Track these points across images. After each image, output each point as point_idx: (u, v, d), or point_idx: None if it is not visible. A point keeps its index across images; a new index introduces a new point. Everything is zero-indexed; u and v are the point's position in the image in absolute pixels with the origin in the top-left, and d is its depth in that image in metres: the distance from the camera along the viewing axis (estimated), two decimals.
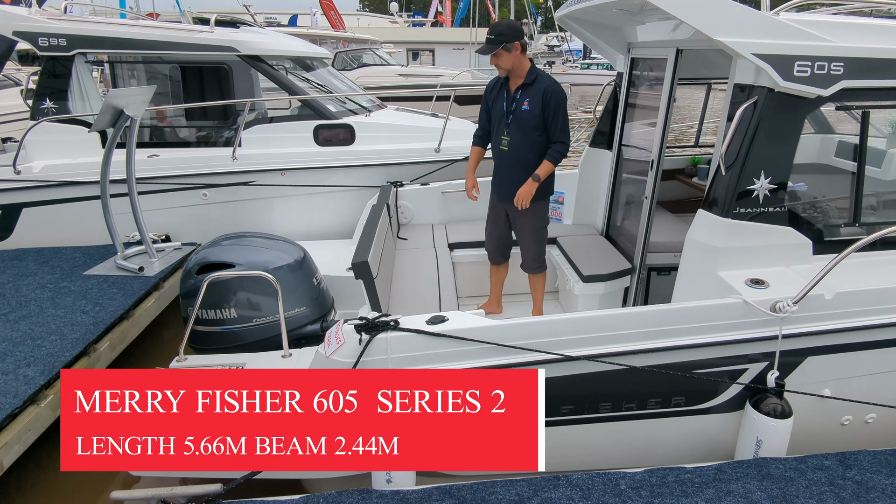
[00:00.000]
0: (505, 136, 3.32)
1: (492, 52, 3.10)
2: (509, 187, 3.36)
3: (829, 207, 2.80)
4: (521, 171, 3.29)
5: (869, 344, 2.43)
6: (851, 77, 2.43)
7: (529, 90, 3.21)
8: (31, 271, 4.24)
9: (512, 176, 3.33)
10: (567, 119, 3.22)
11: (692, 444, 2.54)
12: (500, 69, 3.19)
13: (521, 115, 3.22)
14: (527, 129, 3.22)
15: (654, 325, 2.33)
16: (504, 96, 3.29)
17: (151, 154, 4.85)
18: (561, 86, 3.20)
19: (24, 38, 4.56)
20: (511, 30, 3.11)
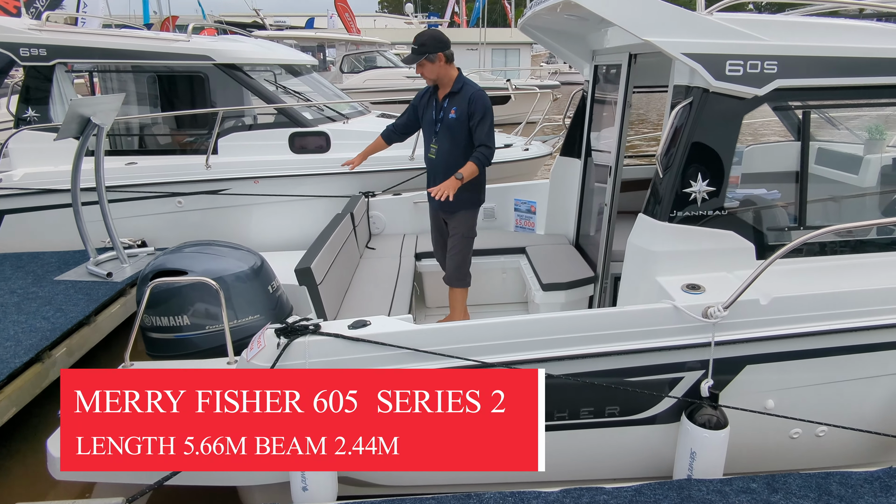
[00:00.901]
0: (434, 145, 3.36)
1: (415, 62, 3.17)
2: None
3: (776, 211, 2.67)
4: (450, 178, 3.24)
5: (811, 352, 2.30)
6: (786, 76, 2.32)
7: (456, 98, 3.23)
8: (6, 276, 4.33)
9: (441, 183, 3.28)
10: (492, 125, 3.21)
11: (632, 456, 2.45)
12: (425, 79, 3.24)
13: (449, 123, 3.23)
14: (455, 137, 3.23)
15: (579, 330, 2.24)
16: (433, 105, 3.32)
17: (129, 162, 4.91)
18: (486, 96, 3.21)
19: (5, 48, 4.67)
20: (433, 41, 3.14)
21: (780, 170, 2.79)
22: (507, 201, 4.65)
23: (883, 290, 2.30)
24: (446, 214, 3.45)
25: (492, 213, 4.67)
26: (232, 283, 3.30)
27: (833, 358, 2.31)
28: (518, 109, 11.43)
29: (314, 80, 6.21)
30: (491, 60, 22.53)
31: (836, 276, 2.43)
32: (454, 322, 2.32)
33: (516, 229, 4.67)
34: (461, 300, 3.55)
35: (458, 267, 3.48)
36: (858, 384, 2.38)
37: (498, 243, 4.25)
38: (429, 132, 3.36)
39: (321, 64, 17.89)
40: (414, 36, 3.20)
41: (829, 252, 2.54)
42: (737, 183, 2.91)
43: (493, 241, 4.28)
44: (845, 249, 2.57)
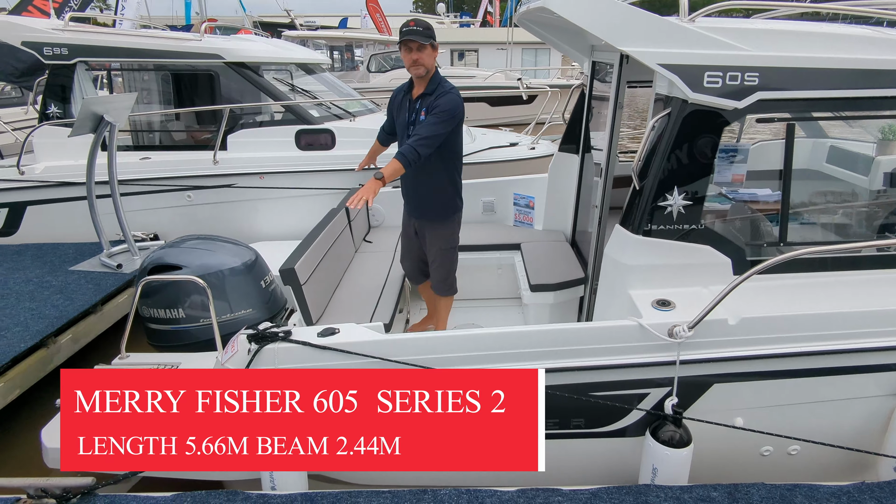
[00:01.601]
0: None
1: (424, 43, 2.84)
2: (415, 202, 3.24)
3: (756, 225, 2.56)
4: (420, 183, 3.15)
5: (781, 373, 2.21)
6: (768, 88, 2.22)
7: (427, 99, 2.97)
8: (25, 266, 4.54)
9: (412, 188, 3.21)
10: (436, 127, 2.84)
11: (599, 468, 2.40)
12: (419, 67, 2.90)
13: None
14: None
15: (546, 345, 2.22)
16: (406, 106, 3.08)
17: (144, 157, 5.08)
18: (456, 97, 2.91)
19: (30, 47, 4.90)
20: (433, 28, 2.93)
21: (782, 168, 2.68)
22: (507, 196, 4.61)
23: (860, 314, 2.20)
24: (421, 223, 3.28)
25: (491, 207, 4.64)
26: (226, 278, 3.38)
27: (806, 379, 2.23)
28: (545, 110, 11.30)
29: (327, 79, 6.29)
30: (521, 60, 22.33)
31: (819, 294, 2.33)
32: (421, 333, 2.32)
33: (515, 224, 4.63)
34: (446, 307, 3.48)
35: (443, 279, 3.35)
36: (832, 405, 2.28)
37: (495, 239, 4.22)
38: (402, 135, 3.12)
39: (349, 63, 18.12)
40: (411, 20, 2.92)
41: (818, 268, 2.42)
42: (741, 182, 2.81)
43: (491, 237, 4.25)
44: (834, 265, 2.45)
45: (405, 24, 2.90)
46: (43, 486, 2.09)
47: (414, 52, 2.87)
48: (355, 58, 19.24)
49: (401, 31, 2.89)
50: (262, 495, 2.12)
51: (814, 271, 2.43)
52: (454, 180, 3.17)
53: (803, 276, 2.42)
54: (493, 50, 23.36)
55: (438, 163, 3.07)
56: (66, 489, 2.10)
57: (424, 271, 3.51)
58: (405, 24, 2.90)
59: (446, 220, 3.22)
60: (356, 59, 18.84)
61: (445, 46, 22.95)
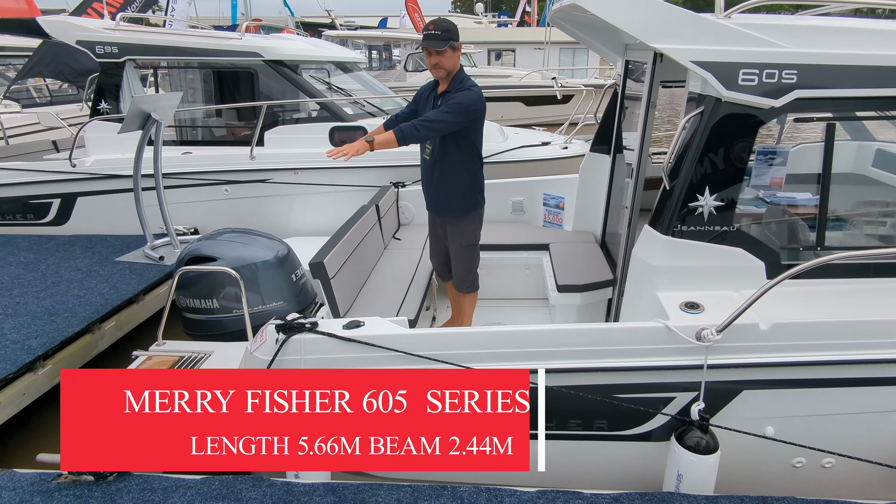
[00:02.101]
0: (428, 145, 3.18)
1: (441, 48, 2.89)
2: (433, 197, 3.27)
3: (793, 228, 2.48)
4: (442, 180, 3.17)
5: (816, 382, 2.13)
6: (807, 86, 2.14)
7: (448, 97, 3.00)
8: (75, 255, 4.79)
9: (434, 185, 3.22)
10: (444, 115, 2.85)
11: (622, 472, 2.37)
12: (440, 70, 2.95)
13: None
14: (446, 137, 3.05)
15: (572, 344, 2.21)
16: (431, 103, 3.16)
17: (185, 151, 5.28)
18: (473, 93, 2.93)
19: (84, 46, 5.15)
20: (456, 27, 2.99)
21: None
22: (537, 196, 4.59)
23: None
24: (442, 219, 3.33)
25: (520, 207, 4.62)
26: (259, 271, 3.48)
27: (841, 389, 2.14)
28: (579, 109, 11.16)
29: (363, 77, 6.38)
30: (558, 60, 22.08)
31: (857, 301, 2.24)
32: (445, 329, 2.34)
33: (544, 224, 4.60)
34: (469, 305, 3.49)
35: (464, 275, 3.37)
36: (869, 417, 2.19)
37: (523, 239, 4.21)
38: None
39: (387, 62, 18.29)
40: (431, 22, 2.96)
41: (857, 274, 2.33)
42: (780, 185, 2.73)
43: (519, 237, 4.24)
44: (875, 272, 2.35)
45: (426, 27, 2.96)
46: None
47: (434, 55, 2.95)
48: (393, 57, 19.42)
49: (422, 35, 2.96)
50: (286, 483, 2.19)
51: (852, 277, 2.34)
52: (475, 177, 3.20)
53: (841, 282, 2.33)
54: (531, 50, 23.16)
55: (459, 159, 3.11)
56: None
57: (451, 268, 3.54)
58: (426, 27, 2.96)
59: (466, 217, 3.24)
60: (394, 59, 19.01)
61: (482, 46, 22.90)
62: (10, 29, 7.41)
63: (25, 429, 3.38)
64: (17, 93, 9.62)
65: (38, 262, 4.60)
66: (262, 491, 2.16)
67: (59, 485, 2.19)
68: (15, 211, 5.33)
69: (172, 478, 2.24)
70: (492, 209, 4.55)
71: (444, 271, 3.58)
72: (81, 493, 2.15)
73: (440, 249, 3.51)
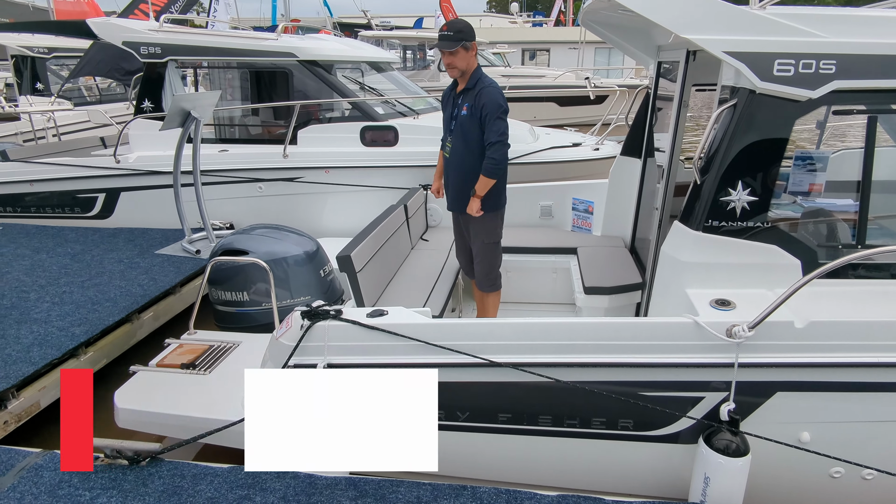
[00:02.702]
0: (449, 143, 3.27)
1: (453, 49, 2.97)
2: (453, 195, 3.32)
3: (832, 226, 2.38)
4: (463, 177, 3.19)
5: (858, 385, 2.04)
6: (846, 77, 2.06)
7: (469, 94, 3.10)
8: (118, 247, 5.00)
9: (455, 183, 3.25)
10: (501, 125, 3.01)
11: (647, 473, 2.33)
12: (453, 70, 3.06)
13: (462, 121, 3.14)
14: (466, 135, 3.12)
15: (596, 338, 2.17)
16: (451, 102, 3.24)
17: (222, 149, 5.44)
18: (494, 91, 3.03)
19: (130, 47, 5.37)
20: (469, 28, 3.03)
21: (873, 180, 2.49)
22: (565, 200, 4.55)
23: None
24: (464, 218, 3.37)
25: (549, 212, 4.59)
26: (289, 266, 3.58)
27: (885, 394, 2.04)
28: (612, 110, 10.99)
29: (395, 77, 6.44)
30: (593, 59, 21.78)
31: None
32: (469, 319, 2.34)
33: (573, 229, 4.56)
34: (493, 304, 3.50)
35: (486, 274, 3.40)
36: None
37: (551, 242, 4.18)
38: (446, 128, 3.30)
39: (421, 62, 18.41)
40: (445, 23, 3.05)
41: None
42: (819, 192, 2.64)
43: (547, 240, 4.22)
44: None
45: (440, 27, 3.04)
46: (118, 448, 2.32)
47: (446, 56, 3.04)
48: (427, 57, 19.52)
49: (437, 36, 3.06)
50: (309, 475, 2.24)
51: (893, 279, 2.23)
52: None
53: (882, 283, 2.24)
54: (566, 49, 22.93)
55: (479, 155, 3.15)
56: (137, 452, 2.32)
57: None
58: (440, 27, 3.04)
59: (488, 215, 3.27)
60: (428, 58, 19.11)
61: (517, 46, 22.80)
62: (64, 31, 7.77)
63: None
64: (69, 92, 10.07)
65: (83, 253, 4.82)
66: (286, 482, 2.21)
67: (96, 467, 2.29)
68: (64, 204, 5.60)
69: (201, 465, 2.32)
70: (520, 213, 4.57)
71: (471, 268, 3.61)
72: (116, 475, 2.26)
73: (465, 246, 3.54)
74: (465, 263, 3.62)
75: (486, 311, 3.52)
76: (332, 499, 2.12)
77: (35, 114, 8.28)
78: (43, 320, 3.62)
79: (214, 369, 2.83)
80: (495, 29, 26.24)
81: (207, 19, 12.00)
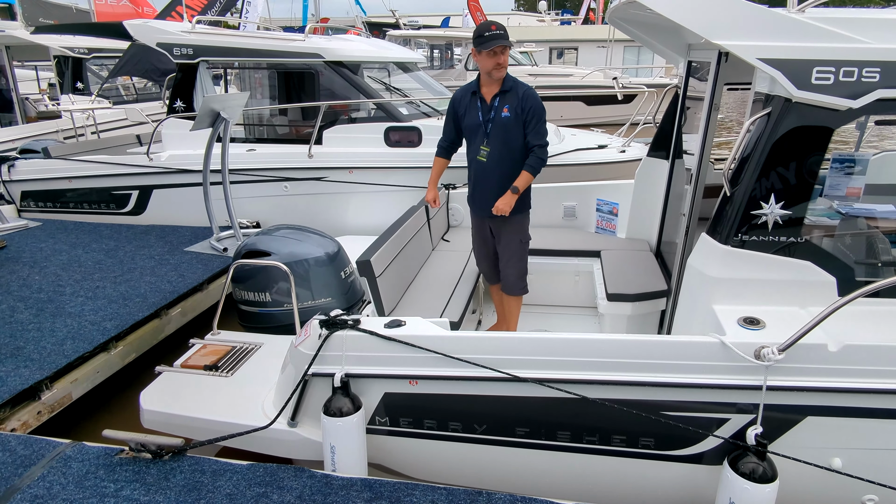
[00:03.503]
0: (484, 147, 3.16)
1: (510, 46, 2.98)
2: (493, 199, 3.20)
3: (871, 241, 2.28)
4: (504, 181, 3.14)
5: (888, 412, 1.96)
6: (891, 86, 1.96)
7: (508, 97, 3.07)
8: (150, 244, 5.14)
9: (495, 187, 3.19)
10: (544, 123, 3.09)
11: (666, 495, 2.28)
12: (502, 69, 3.02)
13: (503, 122, 3.07)
14: (509, 137, 3.09)
15: (619, 356, 2.13)
16: (479, 106, 3.15)
17: (250, 149, 5.54)
18: (535, 93, 3.08)
19: (163, 48, 5.51)
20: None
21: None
22: (590, 201, 4.48)
23: None
24: (497, 221, 3.30)
25: (572, 213, 4.53)
26: (310, 267, 3.60)
27: None
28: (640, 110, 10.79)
29: (421, 77, 6.46)
30: (622, 58, 21.42)
31: None
32: (486, 332, 2.32)
33: (597, 231, 4.49)
34: (518, 308, 3.47)
35: (520, 276, 3.36)
36: None
37: (574, 245, 4.12)
38: (477, 134, 3.17)
39: (448, 62, 18.42)
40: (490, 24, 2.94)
41: None
42: (857, 196, 2.54)
43: (570, 243, 4.16)
44: None
45: (487, 28, 2.92)
46: (142, 442, 2.38)
47: (499, 55, 2.96)
48: (454, 56, 19.52)
49: (483, 36, 2.92)
50: (325, 475, 2.27)
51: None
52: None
53: None
54: (594, 48, 22.61)
55: (520, 160, 3.13)
56: (161, 447, 2.37)
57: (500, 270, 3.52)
58: (487, 28, 2.92)
59: (523, 213, 3.29)
60: (455, 58, 19.10)
61: (544, 45, 22.59)
62: (102, 32, 8.02)
63: (96, 405, 3.67)
64: (107, 91, 10.41)
65: (117, 249, 4.98)
66: (303, 481, 2.24)
67: (121, 459, 2.36)
68: (101, 200, 5.79)
69: (221, 461, 2.37)
70: (543, 214, 4.52)
71: (494, 274, 3.58)
72: (140, 468, 2.32)
73: (488, 253, 3.51)
74: (488, 270, 3.58)
75: (511, 314, 3.50)
76: (348, 499, 2.14)
77: (76, 112, 8.59)
78: (77, 314, 3.75)
79: (237, 371, 2.88)
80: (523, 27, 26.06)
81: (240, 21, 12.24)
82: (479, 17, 22.48)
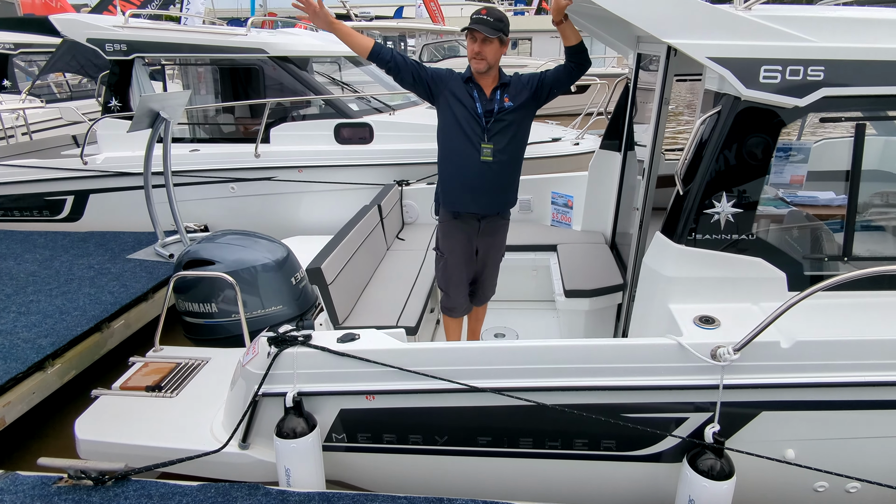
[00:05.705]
0: (487, 144, 2.83)
1: (492, 36, 2.65)
2: (496, 197, 2.95)
3: (817, 236, 2.35)
4: (513, 176, 2.95)
5: (837, 404, 2.03)
6: (836, 83, 2.00)
7: (509, 89, 2.83)
8: (89, 252, 4.84)
9: (500, 184, 2.93)
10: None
11: (627, 495, 2.30)
12: (480, 61, 2.69)
13: (510, 115, 2.81)
14: (517, 129, 2.85)
15: (577, 361, 2.13)
16: (476, 96, 2.81)
17: (193, 149, 5.29)
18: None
19: (94, 44, 5.18)
20: (509, 23, 2.76)
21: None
22: (545, 194, 4.49)
23: None
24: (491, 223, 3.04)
25: (528, 206, 4.53)
26: (258, 274, 3.42)
27: (868, 412, 2.03)
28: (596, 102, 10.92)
29: (374, 71, 6.32)
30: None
31: (885, 316, 2.11)
32: (441, 343, 2.27)
33: (552, 223, 4.51)
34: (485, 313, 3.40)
35: (495, 284, 3.25)
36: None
37: (530, 239, 4.13)
38: (474, 129, 2.81)
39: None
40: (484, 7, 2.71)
41: (886, 286, 2.19)
42: (800, 184, 2.60)
43: (527, 237, 4.16)
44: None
45: (477, 11, 2.72)
46: (82, 469, 2.24)
47: (478, 43, 2.68)
48: (408, 48, 19.31)
49: (470, 18, 2.71)
50: (281, 491, 2.18)
51: (881, 290, 2.20)
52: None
53: (868, 294, 2.21)
54: (548, 38, 22.76)
55: (522, 158, 2.97)
56: (102, 472, 2.23)
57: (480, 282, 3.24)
58: (477, 11, 2.72)
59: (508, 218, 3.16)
60: (409, 49, 18.90)
61: None
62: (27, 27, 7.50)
63: (29, 430, 3.44)
64: (38, 88, 9.77)
65: (52, 259, 4.67)
66: (258, 499, 2.15)
67: (59, 489, 2.21)
68: (32, 207, 5.42)
69: (170, 484, 2.24)
70: None
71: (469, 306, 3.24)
72: (80, 497, 2.17)
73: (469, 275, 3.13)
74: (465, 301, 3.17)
75: (480, 320, 3.41)
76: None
77: (4, 112, 8.02)
78: (8, 332, 3.50)
79: (182, 391, 2.72)
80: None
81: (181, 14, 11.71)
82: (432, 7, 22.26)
